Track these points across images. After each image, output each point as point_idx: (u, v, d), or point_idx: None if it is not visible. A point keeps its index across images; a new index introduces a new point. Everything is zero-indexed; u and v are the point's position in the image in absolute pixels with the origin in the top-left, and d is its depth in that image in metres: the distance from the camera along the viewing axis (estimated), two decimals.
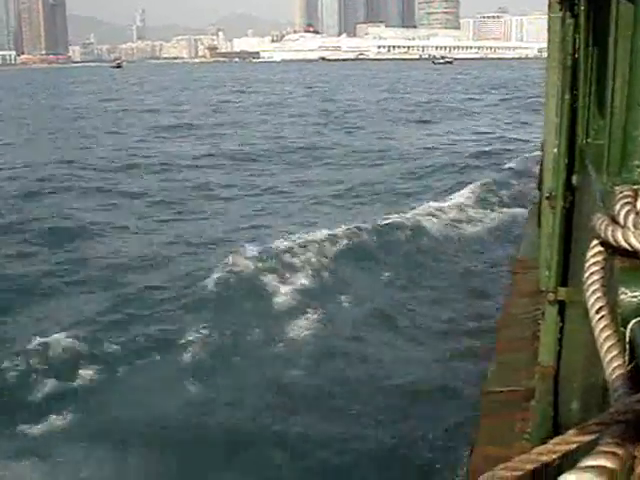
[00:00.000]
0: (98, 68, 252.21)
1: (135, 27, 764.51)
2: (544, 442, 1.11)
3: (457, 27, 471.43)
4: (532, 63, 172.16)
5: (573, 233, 4.08)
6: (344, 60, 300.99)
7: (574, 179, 4.11)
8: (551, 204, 4.55)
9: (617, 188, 1.84)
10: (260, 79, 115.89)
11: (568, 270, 4.26)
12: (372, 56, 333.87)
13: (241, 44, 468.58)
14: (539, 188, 7.31)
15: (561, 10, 4.33)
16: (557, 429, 4.03)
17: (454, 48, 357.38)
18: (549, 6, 4.62)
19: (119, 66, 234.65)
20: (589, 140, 3.81)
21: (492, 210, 18.69)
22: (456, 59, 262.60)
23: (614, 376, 1.37)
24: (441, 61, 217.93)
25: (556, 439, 1.12)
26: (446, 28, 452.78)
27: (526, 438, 4.57)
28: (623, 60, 2.35)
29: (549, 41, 4.66)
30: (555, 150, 4.43)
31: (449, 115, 49.78)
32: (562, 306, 4.46)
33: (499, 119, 46.34)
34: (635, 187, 1.79)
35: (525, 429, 4.70)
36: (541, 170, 6.60)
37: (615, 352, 1.44)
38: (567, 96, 4.24)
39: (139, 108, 58.26)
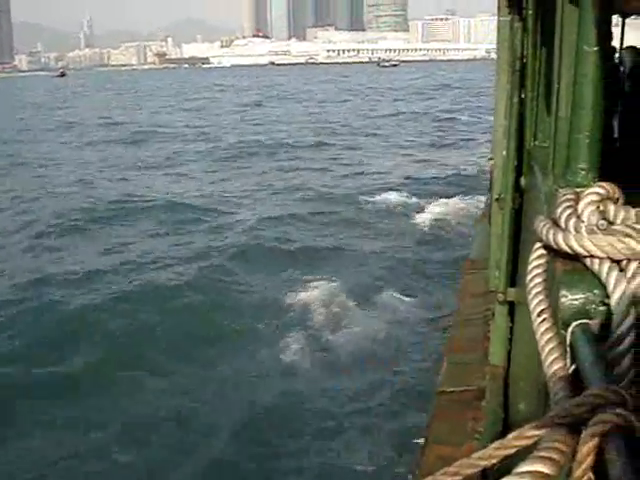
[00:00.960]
0: (44, 77, 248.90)
1: (82, 34, 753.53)
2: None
3: (406, 30, 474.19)
4: (479, 64, 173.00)
5: (521, 234, 4.13)
6: (294, 64, 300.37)
7: (522, 181, 4.16)
8: (500, 206, 4.58)
9: (560, 191, 1.84)
10: (205, 86, 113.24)
11: (517, 271, 4.27)
12: (322, 60, 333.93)
13: (190, 50, 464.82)
14: (490, 189, 7.37)
15: (510, 14, 4.32)
16: (507, 429, 3.94)
17: (403, 50, 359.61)
18: (498, 9, 4.61)
19: (63, 75, 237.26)
20: (536, 143, 3.87)
21: None
22: (405, 61, 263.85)
23: (554, 379, 1.37)
24: (387, 64, 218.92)
25: (496, 443, 1.13)
26: (395, 31, 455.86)
27: (477, 438, 4.55)
28: (568, 63, 2.36)
29: (498, 44, 4.63)
30: (504, 152, 4.45)
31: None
32: (512, 306, 4.47)
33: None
34: (578, 190, 1.78)
35: (477, 429, 4.69)
36: (492, 172, 6.66)
37: (556, 355, 1.43)
38: (515, 99, 4.27)
39: None
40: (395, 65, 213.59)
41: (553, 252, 1.69)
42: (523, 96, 4.24)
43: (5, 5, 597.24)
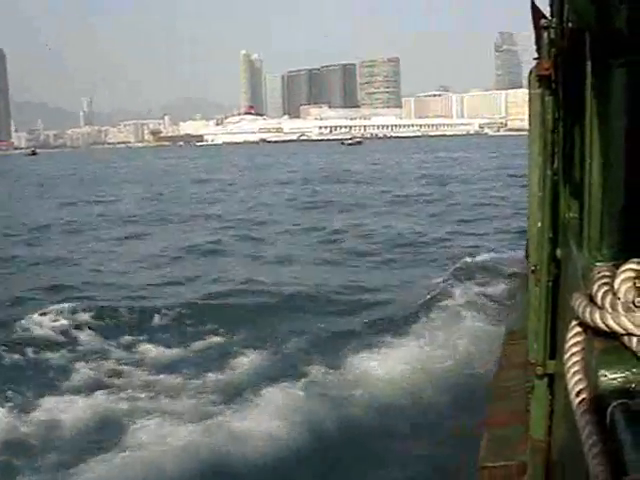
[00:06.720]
0: (17, 156, 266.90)
1: (82, 113, 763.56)
2: None
3: (399, 105, 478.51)
4: (470, 138, 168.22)
5: (559, 306, 4.12)
6: (286, 142, 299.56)
7: (558, 252, 4.22)
8: (536, 277, 4.60)
9: (596, 266, 1.83)
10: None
11: (556, 342, 4.25)
12: (314, 137, 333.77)
13: (187, 127, 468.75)
14: (527, 257, 7.08)
15: (540, 87, 4.41)
16: None
17: (395, 126, 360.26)
18: (529, 83, 4.73)
19: (34, 153, 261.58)
20: (571, 214, 3.91)
21: None
22: (397, 137, 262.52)
23: (595, 462, 1.35)
24: (351, 142, 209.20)
25: None
26: (388, 107, 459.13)
27: None
28: (600, 138, 2.36)
29: (530, 117, 4.77)
30: (539, 224, 4.48)
31: None
32: (552, 378, 4.44)
33: None
34: (613, 263, 1.77)
35: None
36: (527, 241, 6.46)
37: (595, 437, 1.41)
38: (548, 172, 4.33)
39: None
40: (359, 143, 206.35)
41: (590, 330, 1.66)
42: (556, 166, 4.24)
43: (3, 85, 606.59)
